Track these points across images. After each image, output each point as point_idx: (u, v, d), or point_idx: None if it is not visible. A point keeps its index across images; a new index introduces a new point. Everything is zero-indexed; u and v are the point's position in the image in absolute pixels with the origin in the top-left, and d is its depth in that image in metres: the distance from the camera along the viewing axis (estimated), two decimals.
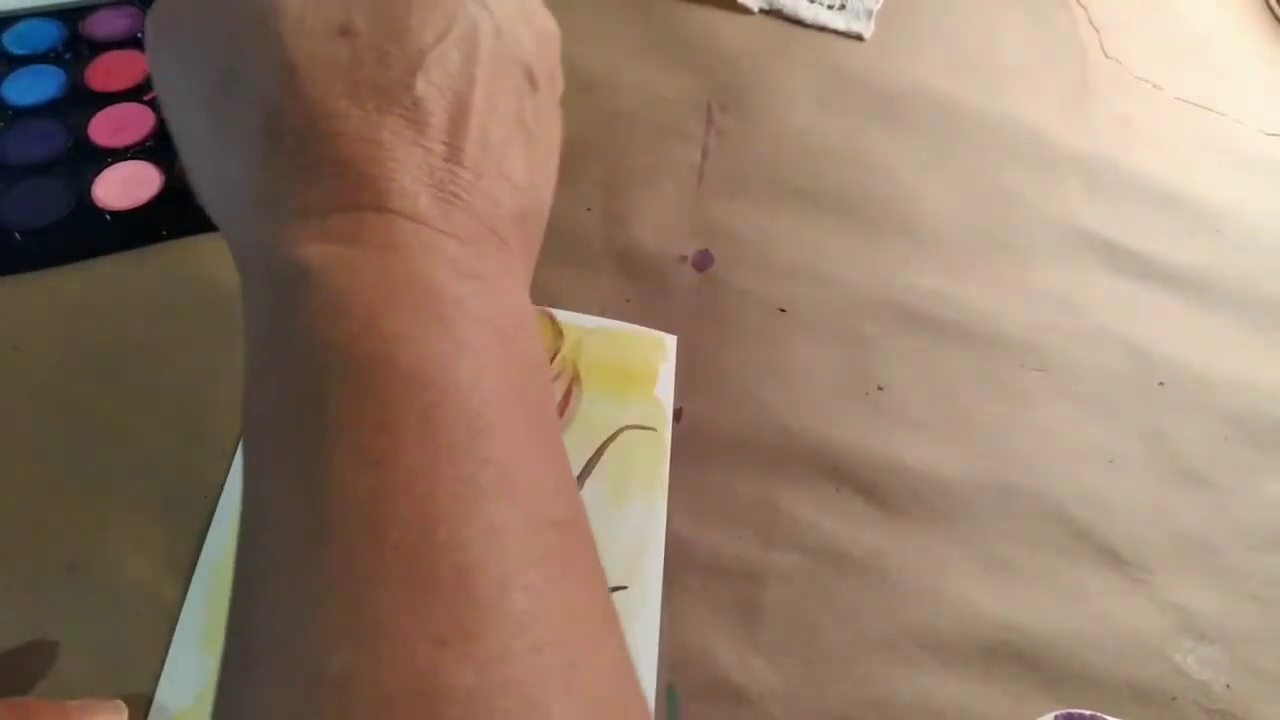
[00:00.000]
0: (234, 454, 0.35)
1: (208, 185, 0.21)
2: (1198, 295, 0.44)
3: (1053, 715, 0.32)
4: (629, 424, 0.36)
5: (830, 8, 0.54)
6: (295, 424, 0.16)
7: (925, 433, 0.38)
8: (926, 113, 0.50)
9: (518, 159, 0.21)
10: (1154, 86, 0.53)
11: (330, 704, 0.14)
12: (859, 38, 0.53)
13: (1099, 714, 0.32)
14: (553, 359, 0.38)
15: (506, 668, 0.14)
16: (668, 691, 0.31)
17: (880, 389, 0.39)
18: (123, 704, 0.29)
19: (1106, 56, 0.55)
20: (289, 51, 0.19)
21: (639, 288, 0.41)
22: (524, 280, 0.21)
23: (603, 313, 0.40)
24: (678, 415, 0.37)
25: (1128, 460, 0.38)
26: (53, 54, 0.46)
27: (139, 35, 0.47)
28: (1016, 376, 0.40)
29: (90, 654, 0.30)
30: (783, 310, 0.41)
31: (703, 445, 0.37)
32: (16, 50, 0.46)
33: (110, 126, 0.43)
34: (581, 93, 0.48)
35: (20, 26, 0.47)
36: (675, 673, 0.32)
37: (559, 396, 0.37)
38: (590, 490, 0.35)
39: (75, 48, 0.47)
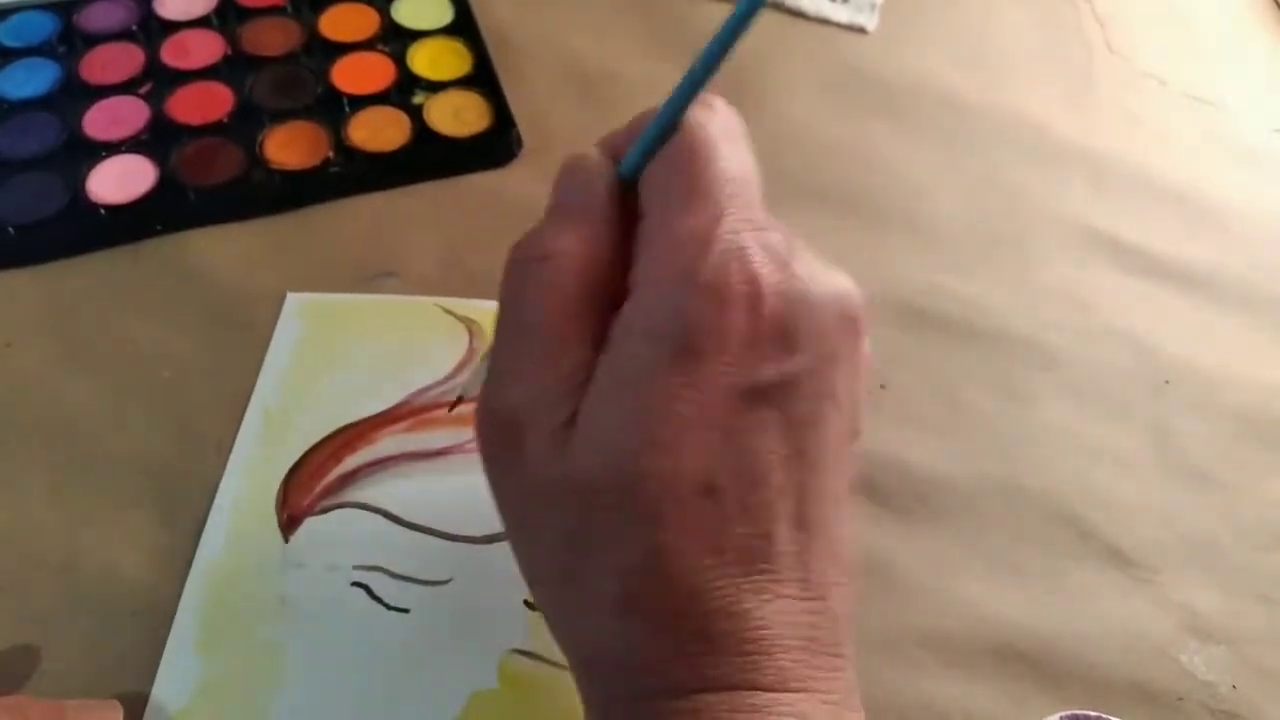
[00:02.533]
0: (229, 451, 0.34)
1: (549, 608, 0.22)
2: (1205, 292, 0.44)
3: (1057, 716, 0.32)
4: None
5: (833, 1, 0.54)
6: None
7: (928, 431, 0.38)
8: (930, 107, 0.50)
9: (843, 535, 0.21)
10: (1160, 82, 0.53)
11: None
12: (862, 31, 0.53)
13: (1104, 715, 0.32)
14: None
15: None
16: None
17: (882, 387, 0.39)
18: (118, 703, 0.28)
19: (1112, 51, 0.54)
20: (656, 524, 0.18)
21: None
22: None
23: None
24: None
25: (1134, 459, 0.38)
26: (47, 47, 0.46)
27: (133, 28, 0.46)
28: (1021, 375, 0.40)
29: (85, 653, 0.30)
30: None
31: None
32: (10, 43, 0.46)
33: (105, 120, 0.43)
34: (582, 86, 0.48)
35: (14, 19, 0.47)
36: None
37: None
38: None
39: (70, 41, 0.46)
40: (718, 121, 0.24)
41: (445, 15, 0.49)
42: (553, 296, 0.21)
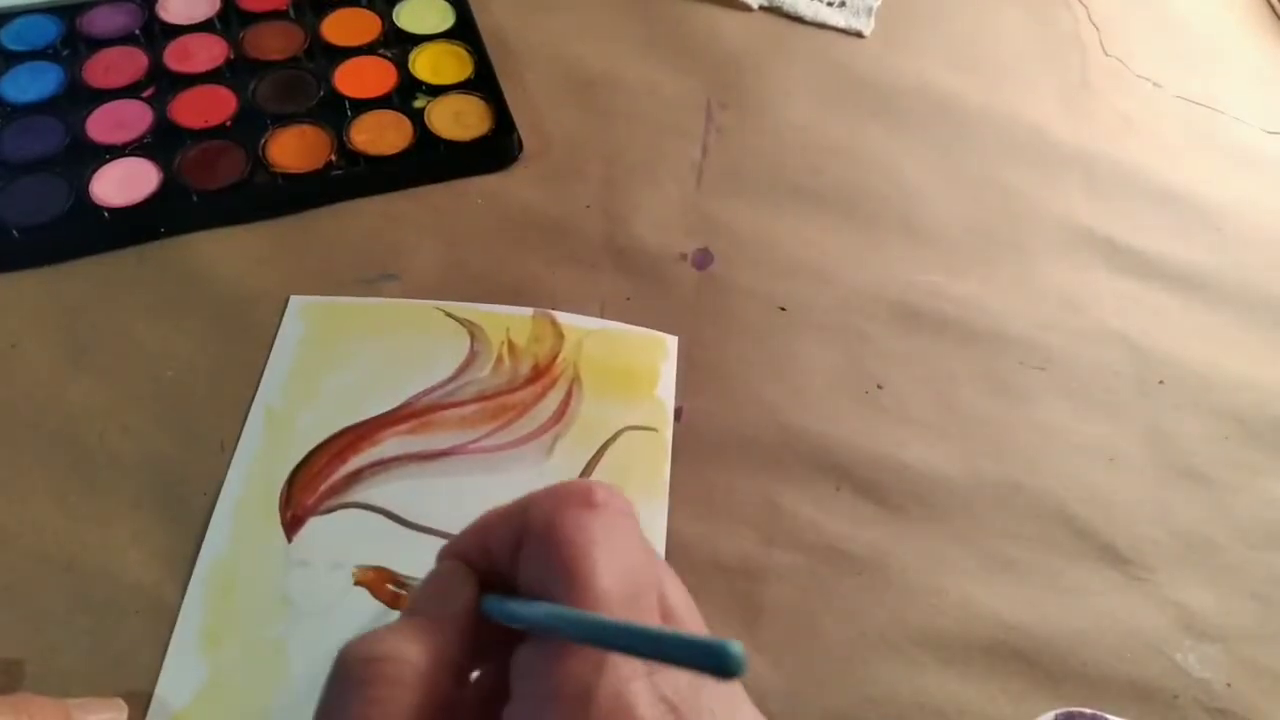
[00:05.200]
0: (233, 452, 0.34)
1: None
2: (1198, 293, 0.44)
3: (1053, 714, 0.32)
4: (630, 425, 0.36)
5: (830, 5, 0.54)
6: None
7: (925, 431, 0.38)
8: (927, 110, 0.50)
9: None
10: (1154, 84, 0.53)
11: None
12: (859, 35, 0.53)
13: (1100, 713, 0.32)
14: (553, 361, 0.38)
15: None
16: None
17: (880, 387, 0.39)
18: (122, 702, 0.29)
19: (1107, 54, 0.54)
20: None
21: (639, 286, 0.41)
22: None
23: (602, 310, 0.40)
24: (678, 414, 0.37)
25: (1128, 458, 0.38)
26: (50, 50, 0.46)
27: (136, 32, 0.47)
28: (1016, 375, 0.40)
29: (89, 652, 0.30)
30: (782, 308, 0.41)
31: (702, 444, 0.37)
32: (14, 47, 0.46)
33: (108, 123, 0.43)
34: (582, 90, 0.48)
35: (18, 23, 0.47)
36: None
37: (560, 398, 0.37)
38: None
39: (73, 44, 0.46)
40: (596, 522, 0.20)
41: (446, 20, 0.49)
42: (382, 709, 0.18)
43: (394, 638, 0.20)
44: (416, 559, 0.32)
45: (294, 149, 0.43)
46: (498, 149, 0.45)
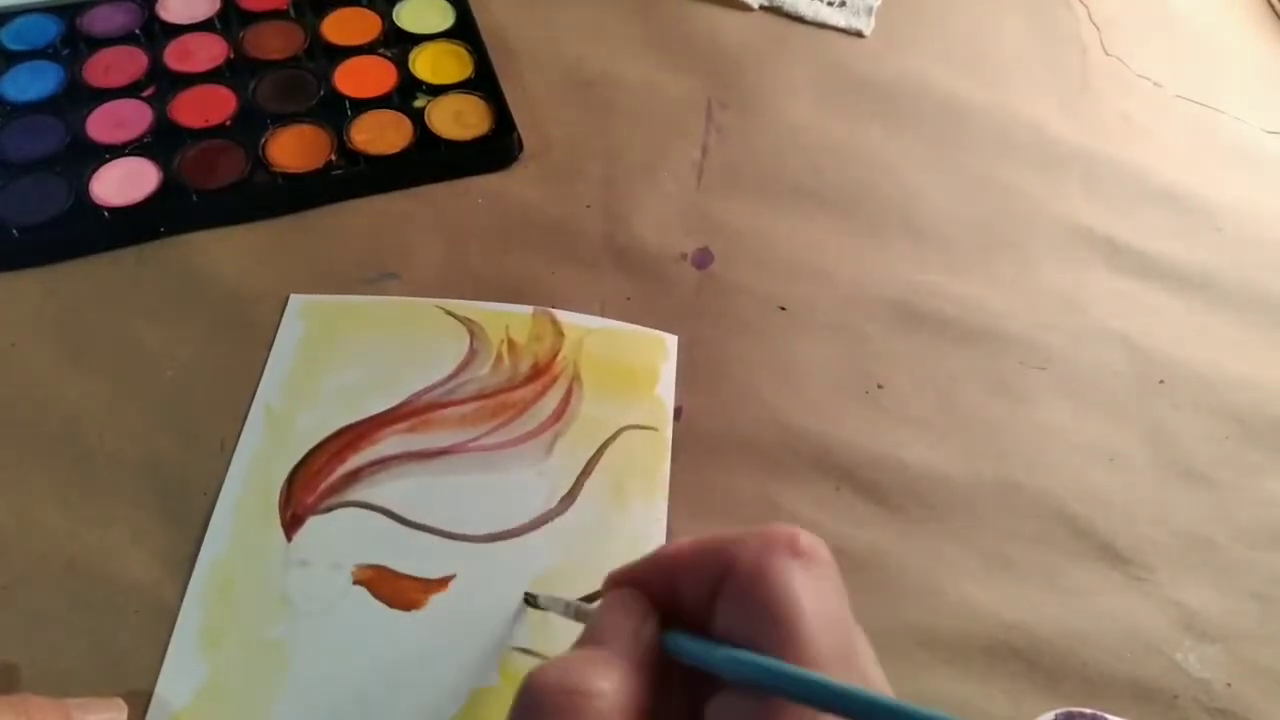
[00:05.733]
0: (232, 451, 0.34)
1: None
2: (1198, 293, 0.44)
3: (1053, 714, 0.32)
4: (630, 424, 0.36)
5: (830, 4, 0.54)
6: None
7: (925, 430, 0.38)
8: (927, 110, 0.50)
9: None
10: (1154, 84, 0.53)
11: None
12: (859, 34, 0.53)
13: (1099, 713, 0.32)
14: (553, 359, 0.38)
15: None
16: None
17: (880, 387, 0.39)
18: (122, 702, 0.29)
19: (1107, 54, 0.54)
20: None
21: (639, 285, 0.41)
22: None
23: (602, 310, 0.40)
24: (677, 414, 0.37)
25: (1128, 458, 0.38)
26: (50, 50, 0.46)
27: (136, 31, 0.47)
28: (1017, 374, 0.40)
29: (88, 652, 0.30)
30: (783, 308, 0.41)
31: (702, 443, 0.37)
32: (14, 46, 0.46)
33: (108, 123, 0.43)
34: (582, 90, 0.48)
35: (18, 22, 0.47)
36: None
37: (559, 397, 0.37)
38: (590, 490, 0.35)
39: (73, 44, 0.46)
40: (806, 572, 0.19)
41: (446, 19, 0.49)
42: None
43: (587, 669, 0.19)
44: (416, 558, 0.32)
45: (294, 148, 0.43)
46: (498, 148, 0.45)
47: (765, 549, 0.19)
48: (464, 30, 0.49)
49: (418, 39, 0.48)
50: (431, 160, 0.44)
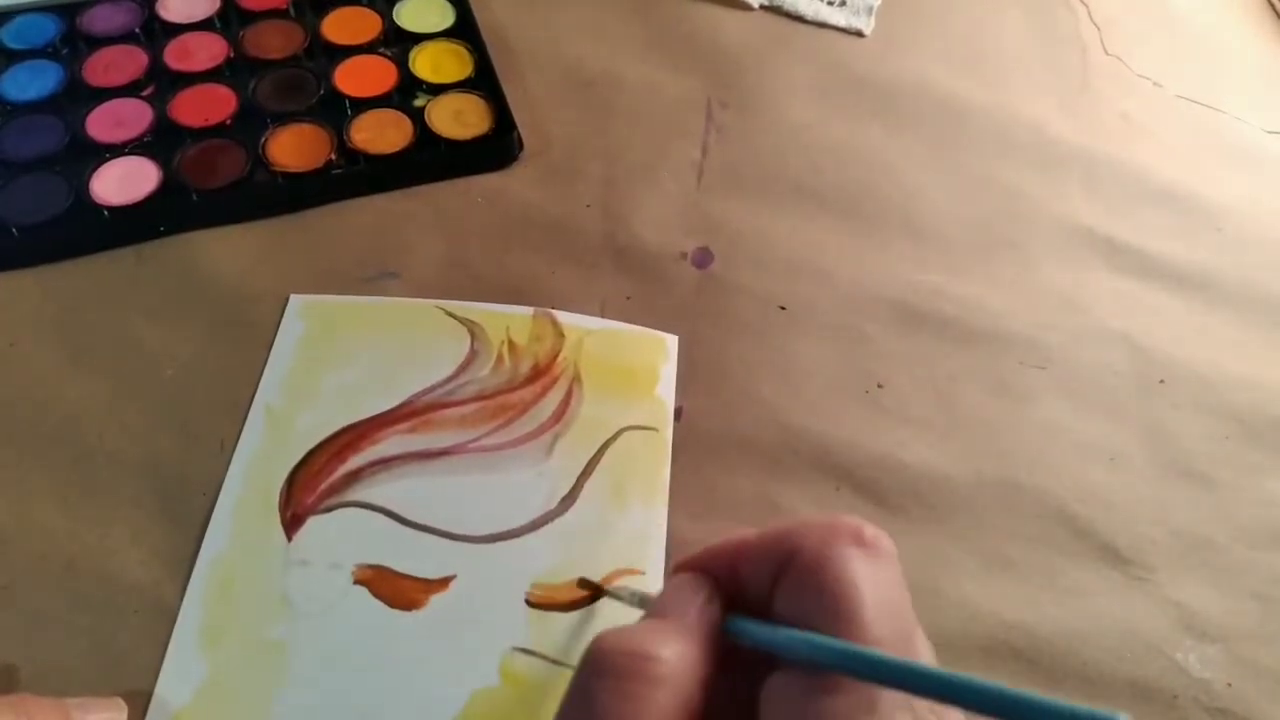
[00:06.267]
0: (232, 451, 0.34)
1: None
2: (1199, 293, 0.44)
3: None
4: (630, 425, 0.36)
5: (831, 4, 0.54)
6: None
7: (925, 430, 0.38)
8: (927, 109, 0.50)
9: None
10: (1155, 84, 0.53)
11: None
12: (859, 34, 0.53)
13: None
14: (553, 360, 0.38)
15: None
16: None
17: (880, 386, 0.39)
18: (122, 701, 0.29)
19: (1107, 53, 0.54)
20: None
21: (639, 285, 0.41)
22: None
23: (602, 310, 0.40)
24: (677, 414, 0.37)
25: (1128, 458, 0.38)
26: (50, 49, 0.46)
27: (136, 30, 0.47)
28: (1017, 374, 0.40)
29: (88, 652, 0.30)
30: (783, 308, 0.41)
31: (702, 443, 0.37)
32: (14, 45, 0.46)
33: (108, 122, 0.43)
34: (582, 89, 0.48)
35: (18, 21, 0.47)
36: None
37: (560, 398, 0.37)
38: (590, 491, 0.35)
39: (73, 43, 0.46)
40: (870, 562, 0.20)
41: (447, 18, 0.49)
42: (638, 706, 0.18)
43: (651, 635, 0.20)
44: (416, 558, 0.32)
45: (294, 148, 0.43)
46: (498, 148, 0.45)
47: (830, 537, 0.20)
48: (464, 29, 0.49)
49: (418, 38, 0.48)
50: (431, 160, 0.44)
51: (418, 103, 0.46)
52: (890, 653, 0.18)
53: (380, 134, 0.44)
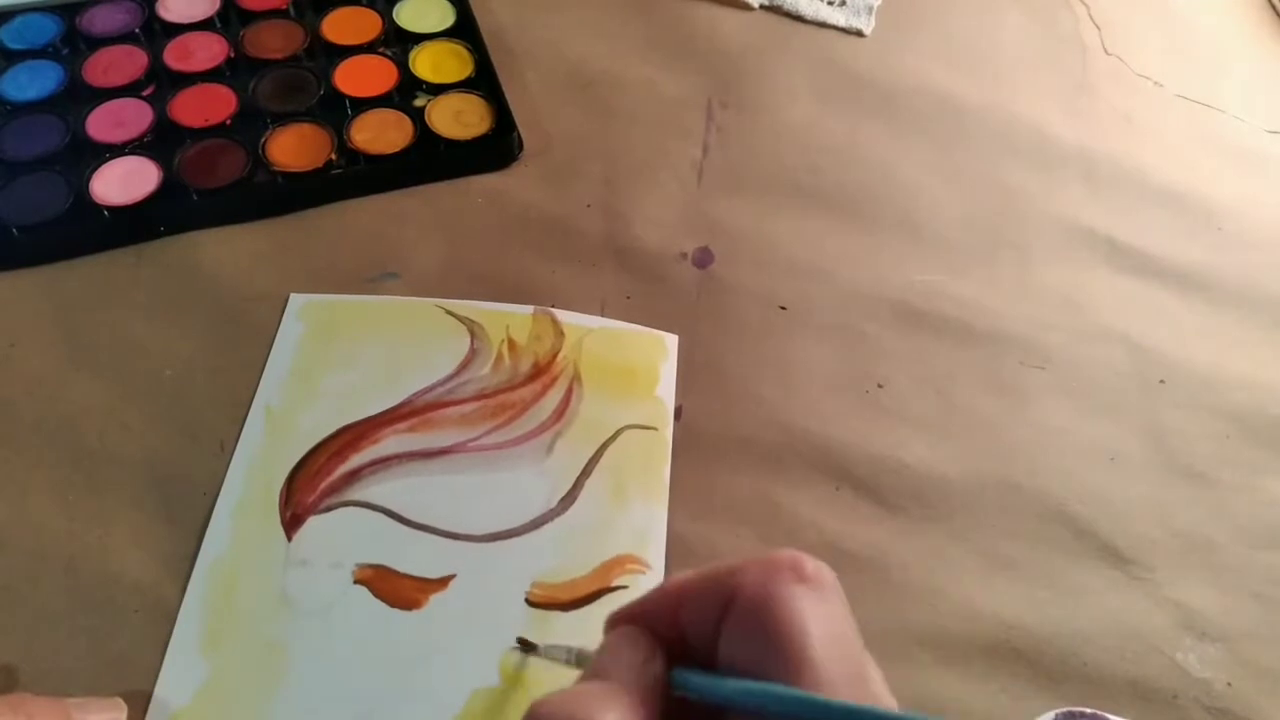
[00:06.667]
0: (232, 451, 0.34)
1: None
2: (1199, 293, 0.44)
3: (1053, 714, 0.32)
4: (630, 424, 0.36)
5: (831, 4, 0.54)
6: None
7: (925, 430, 0.38)
8: (927, 109, 0.50)
9: None
10: (1155, 84, 0.53)
11: None
12: (859, 34, 0.53)
13: (1100, 712, 0.32)
14: (553, 359, 0.38)
15: None
16: None
17: (880, 386, 0.39)
18: (121, 701, 0.29)
19: (1107, 53, 0.54)
20: None
21: (639, 284, 0.41)
22: None
23: (603, 309, 0.40)
24: (677, 414, 0.37)
25: (1129, 458, 0.38)
26: (50, 49, 0.46)
27: (136, 31, 0.47)
28: (1017, 374, 0.40)
29: (88, 651, 0.30)
30: (783, 307, 0.41)
31: (702, 443, 0.37)
32: (14, 45, 0.46)
33: (108, 122, 0.43)
34: (582, 89, 0.48)
35: (17, 21, 0.47)
36: None
37: (560, 397, 0.37)
38: (590, 490, 0.35)
39: (73, 43, 0.46)
40: (812, 596, 0.19)
41: (447, 19, 0.49)
42: None
43: (591, 700, 0.19)
44: (416, 557, 0.32)
45: (294, 148, 0.43)
46: (498, 148, 0.45)
47: (769, 575, 0.19)
48: (464, 30, 0.49)
49: (418, 38, 0.48)
50: (431, 160, 0.44)
51: (418, 103, 0.46)
52: (843, 694, 0.17)
53: (380, 134, 0.44)
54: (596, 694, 0.19)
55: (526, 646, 0.31)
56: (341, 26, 0.48)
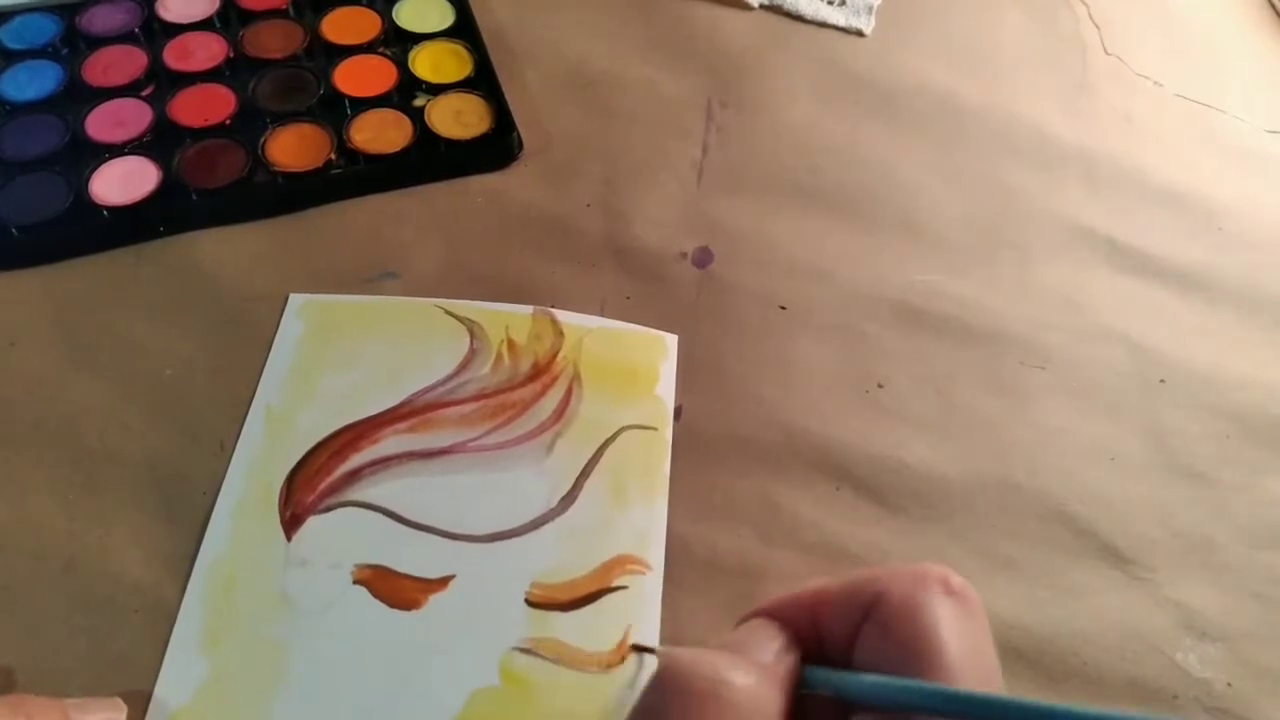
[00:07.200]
0: (232, 451, 0.34)
1: None
2: (1199, 293, 0.44)
3: None
4: (630, 424, 0.36)
5: (831, 3, 0.54)
6: None
7: (926, 430, 0.38)
8: (927, 109, 0.50)
9: None
10: (1155, 83, 0.53)
11: None
12: (859, 34, 0.53)
13: None
14: (553, 359, 0.38)
15: None
16: None
17: (880, 386, 0.39)
18: (121, 701, 0.29)
19: (1107, 53, 0.54)
20: None
21: (639, 285, 0.41)
22: None
23: (603, 309, 0.40)
24: (677, 413, 0.37)
25: (1129, 458, 0.38)
26: (50, 49, 0.46)
27: (135, 30, 0.47)
28: (1017, 374, 0.40)
29: (88, 651, 0.30)
30: (783, 307, 0.41)
31: (702, 443, 0.37)
32: (13, 45, 0.46)
33: (108, 122, 0.43)
34: (582, 89, 0.48)
35: (17, 21, 0.47)
36: None
37: (559, 397, 0.37)
38: (590, 490, 0.35)
39: (72, 43, 0.46)
40: (957, 610, 0.19)
41: (446, 18, 0.49)
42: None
43: (727, 661, 0.19)
44: (416, 557, 0.32)
45: (294, 147, 0.43)
46: (498, 148, 0.45)
47: (919, 584, 0.19)
48: (464, 29, 0.49)
49: (417, 38, 0.48)
50: (431, 159, 0.44)
51: (418, 103, 0.46)
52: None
53: (380, 134, 0.44)
54: (732, 658, 0.19)
55: (640, 649, 0.31)
56: (341, 26, 0.48)
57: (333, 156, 0.43)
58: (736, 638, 0.21)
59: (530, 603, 0.32)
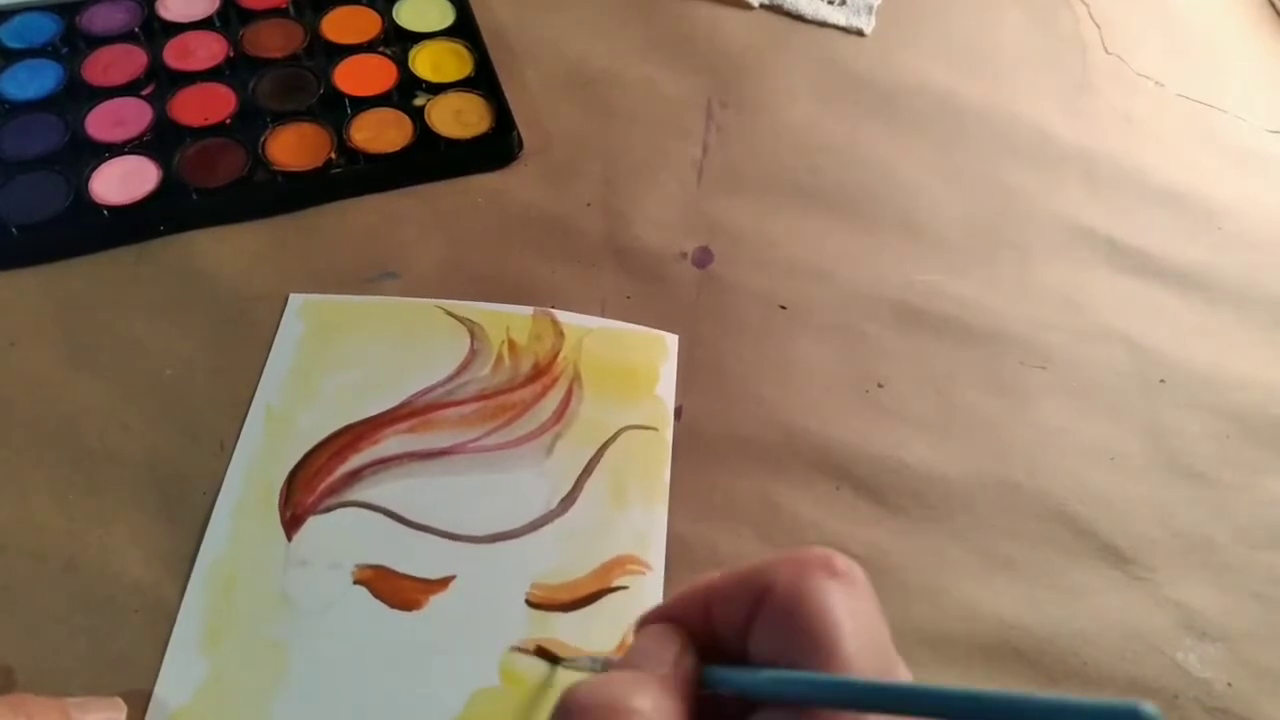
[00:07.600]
0: (232, 451, 0.34)
1: None
2: (1199, 293, 0.44)
3: None
4: (630, 424, 0.36)
5: (831, 3, 0.54)
6: None
7: (926, 430, 0.38)
8: (927, 109, 0.50)
9: None
10: (1155, 83, 0.53)
11: None
12: (860, 33, 0.53)
13: None
14: (554, 359, 0.38)
15: None
16: None
17: (881, 386, 0.39)
18: (121, 701, 0.29)
19: (1108, 53, 0.54)
20: None
21: (639, 284, 0.41)
22: None
23: (603, 309, 0.40)
24: (677, 414, 0.37)
25: (1129, 458, 0.38)
26: (50, 48, 0.46)
27: (136, 30, 0.47)
28: (1017, 374, 0.40)
29: (88, 651, 0.30)
30: (783, 307, 0.41)
31: (702, 443, 0.37)
32: (13, 44, 0.46)
33: (108, 121, 0.43)
34: (582, 88, 0.48)
35: (16, 21, 0.47)
36: None
37: (560, 397, 0.37)
38: (590, 491, 0.35)
39: (72, 42, 0.46)
40: (844, 591, 0.19)
41: (446, 18, 0.49)
42: None
43: (627, 687, 0.19)
44: (416, 558, 0.32)
45: (294, 147, 0.43)
46: (498, 147, 0.45)
47: (802, 571, 0.19)
48: (464, 28, 0.49)
49: (418, 37, 0.48)
50: (431, 159, 0.44)
51: (418, 102, 0.45)
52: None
53: (380, 133, 0.44)
54: (630, 680, 0.19)
55: (549, 657, 0.30)
56: (341, 25, 0.48)
57: (333, 156, 0.43)
58: (635, 648, 0.21)
59: (530, 603, 0.32)
